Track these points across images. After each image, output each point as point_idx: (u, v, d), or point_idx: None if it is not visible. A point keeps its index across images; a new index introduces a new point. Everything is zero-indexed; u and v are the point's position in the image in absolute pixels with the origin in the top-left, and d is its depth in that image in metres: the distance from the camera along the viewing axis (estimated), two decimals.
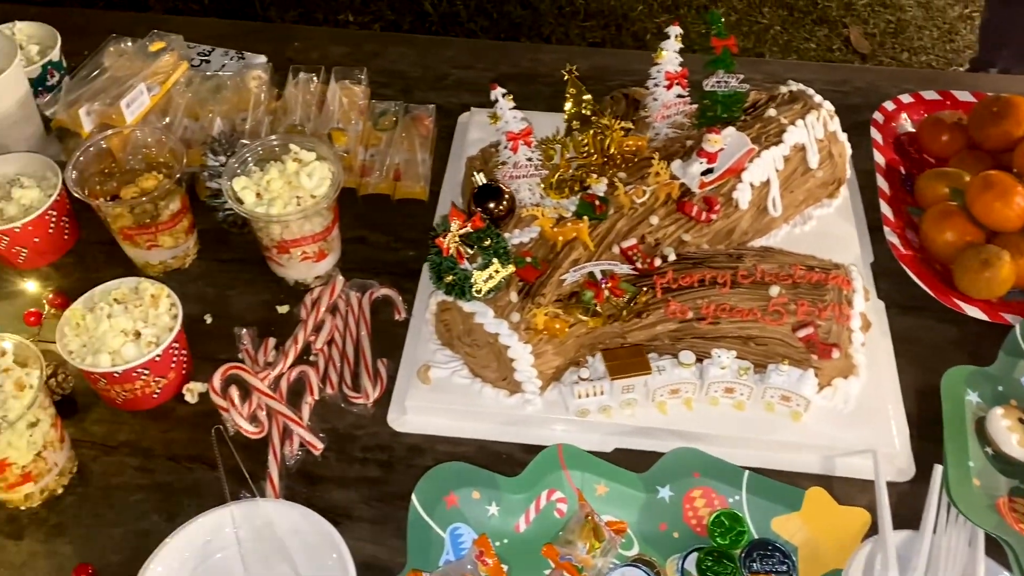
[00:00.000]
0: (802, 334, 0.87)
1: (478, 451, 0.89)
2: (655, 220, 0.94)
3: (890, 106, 1.19)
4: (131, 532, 0.84)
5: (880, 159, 1.12)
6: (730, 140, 0.95)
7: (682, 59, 1.00)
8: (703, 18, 2.80)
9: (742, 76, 1.00)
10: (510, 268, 0.86)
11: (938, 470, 0.84)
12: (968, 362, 0.93)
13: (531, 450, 0.88)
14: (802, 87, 1.07)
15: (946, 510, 0.82)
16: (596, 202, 0.94)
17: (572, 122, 0.97)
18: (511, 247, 0.90)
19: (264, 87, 1.15)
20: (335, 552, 0.78)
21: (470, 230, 0.86)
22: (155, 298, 0.90)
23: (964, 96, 1.19)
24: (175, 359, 0.90)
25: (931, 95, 1.20)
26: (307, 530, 0.80)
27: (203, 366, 0.95)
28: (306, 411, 0.91)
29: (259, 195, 0.95)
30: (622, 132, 0.98)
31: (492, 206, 0.94)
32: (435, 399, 0.91)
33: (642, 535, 0.82)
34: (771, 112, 1.03)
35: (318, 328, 0.97)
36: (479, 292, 0.86)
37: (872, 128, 1.15)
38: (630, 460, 0.87)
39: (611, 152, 0.98)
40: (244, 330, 0.97)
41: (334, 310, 0.99)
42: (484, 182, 0.94)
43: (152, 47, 1.14)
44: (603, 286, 0.88)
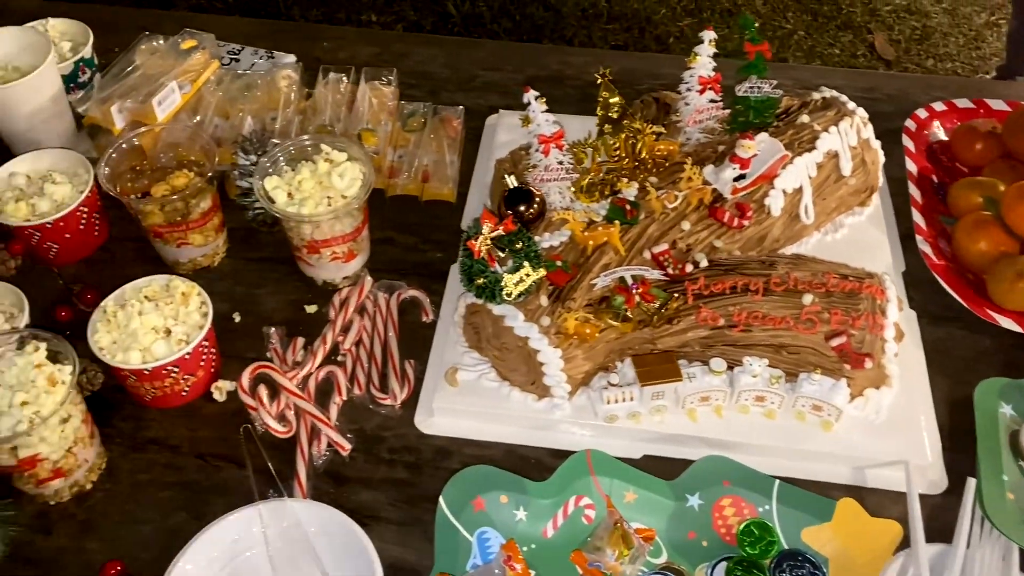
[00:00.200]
0: (835, 343, 0.86)
1: (505, 455, 0.89)
2: (687, 225, 0.93)
3: (922, 114, 1.17)
4: (159, 529, 0.84)
5: (912, 167, 1.11)
6: (763, 146, 0.95)
7: (715, 64, 0.99)
8: (726, 22, 2.80)
9: (775, 81, 0.99)
10: (541, 272, 0.86)
11: (971, 483, 0.83)
12: (1001, 374, 0.92)
13: (558, 455, 0.88)
14: (835, 93, 1.06)
15: (979, 524, 0.81)
16: (627, 206, 0.93)
17: (604, 126, 0.97)
18: (541, 251, 0.90)
19: (294, 87, 1.15)
20: (363, 554, 0.78)
21: (502, 233, 0.85)
22: (186, 296, 0.90)
23: (998, 104, 1.18)
24: (204, 357, 0.90)
25: (964, 103, 1.19)
26: (335, 531, 0.80)
27: (231, 364, 0.95)
28: (334, 411, 0.91)
29: (290, 195, 0.95)
30: (653, 136, 0.97)
31: (523, 209, 0.94)
32: (462, 402, 0.90)
33: (671, 543, 0.82)
34: (804, 118, 1.02)
35: (346, 328, 0.97)
36: (509, 295, 0.86)
37: (904, 136, 1.14)
38: (658, 467, 0.87)
39: (642, 156, 0.97)
40: (273, 329, 0.97)
41: (362, 311, 0.99)
42: (515, 185, 0.94)
43: (184, 45, 1.14)
44: (634, 291, 0.87)
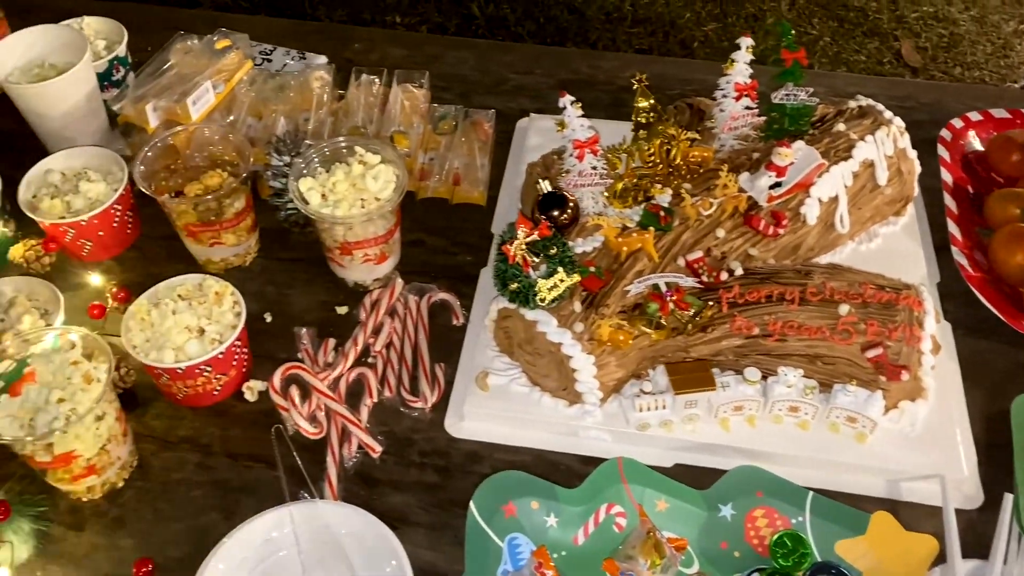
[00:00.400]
0: (871, 355, 0.85)
1: (536, 460, 0.89)
2: (721, 233, 0.93)
3: (958, 123, 1.16)
4: (190, 528, 0.85)
5: (948, 177, 1.10)
6: (800, 154, 0.94)
7: (752, 71, 0.98)
8: (751, 26, 2.79)
9: (812, 89, 0.98)
10: (575, 277, 0.86)
11: (1008, 499, 0.82)
12: None
13: (589, 462, 0.87)
14: (871, 102, 1.05)
15: (1016, 540, 0.80)
16: (661, 213, 0.93)
17: (638, 131, 0.96)
18: (575, 256, 0.89)
19: (327, 88, 1.16)
20: (394, 558, 0.78)
21: (536, 238, 0.85)
22: (219, 295, 0.91)
23: None
24: (237, 357, 0.91)
25: (1000, 113, 1.18)
26: (366, 534, 0.80)
27: (262, 364, 0.95)
28: (364, 413, 0.91)
29: (324, 196, 0.95)
30: (688, 142, 0.97)
31: (556, 214, 0.93)
32: (493, 406, 0.90)
33: (703, 553, 0.81)
34: (840, 127, 1.01)
35: (377, 330, 0.97)
36: (543, 301, 0.85)
37: (939, 145, 1.13)
38: (690, 476, 0.86)
39: (676, 162, 0.97)
40: (304, 330, 0.97)
41: (392, 313, 0.99)
42: (549, 190, 0.94)
43: (218, 45, 1.15)
44: (668, 299, 0.87)
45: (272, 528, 0.80)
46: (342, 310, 1.01)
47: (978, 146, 1.15)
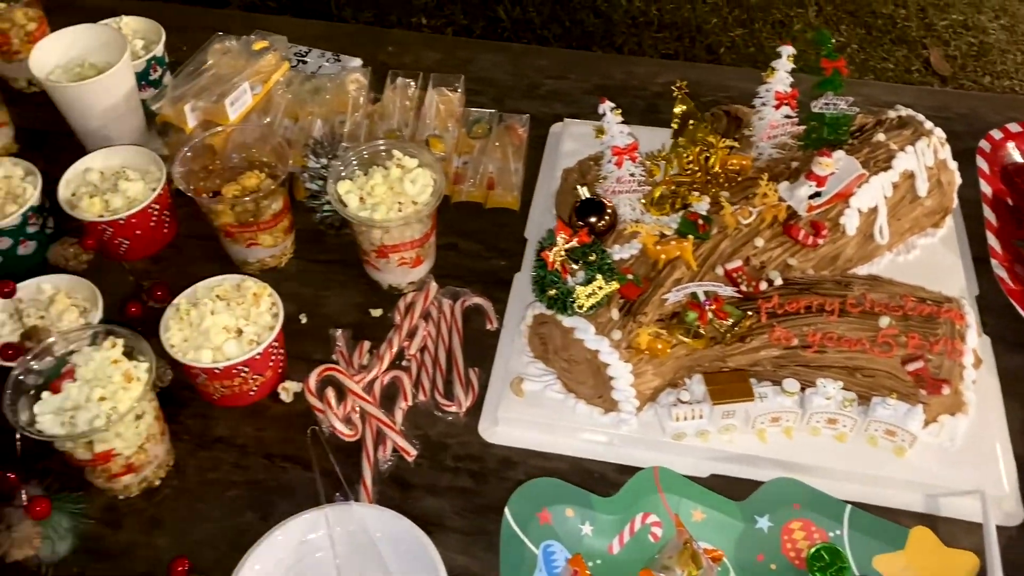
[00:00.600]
0: (912, 368, 0.85)
1: (570, 468, 0.88)
2: (760, 242, 0.92)
3: (997, 134, 1.15)
4: (226, 528, 0.85)
5: (987, 189, 1.09)
6: (841, 164, 0.93)
7: (793, 79, 0.98)
8: (778, 33, 2.78)
9: (851, 99, 0.98)
10: (614, 285, 0.85)
11: None
12: None
13: (624, 470, 0.87)
14: (911, 112, 1.04)
15: None
16: (699, 221, 0.92)
17: (677, 138, 0.96)
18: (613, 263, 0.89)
19: (363, 91, 1.16)
20: (429, 563, 0.77)
21: (576, 245, 0.85)
22: (257, 296, 0.91)
23: None
24: (273, 358, 0.91)
25: None
26: (401, 538, 0.80)
27: (297, 365, 0.95)
28: (399, 416, 0.91)
29: (362, 199, 0.95)
30: (727, 150, 0.96)
31: (594, 220, 0.93)
32: (528, 412, 0.90)
33: (739, 565, 0.81)
34: (879, 137, 1.00)
35: (411, 334, 0.97)
36: (581, 308, 0.85)
37: (978, 157, 1.12)
38: (725, 487, 0.85)
39: (715, 170, 0.96)
40: (339, 331, 0.97)
41: (427, 316, 0.99)
42: (587, 196, 0.93)
43: (255, 46, 1.15)
44: (707, 308, 0.86)
45: (308, 530, 0.81)
46: (376, 313, 1.01)
47: (1018, 158, 1.14)
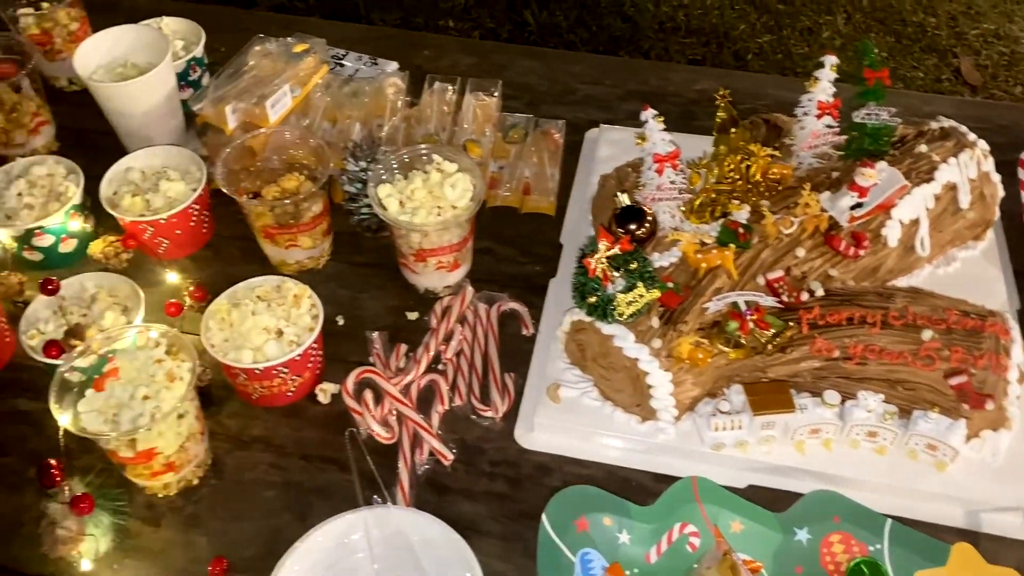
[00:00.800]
0: (955, 382, 0.84)
1: (607, 476, 0.88)
2: (801, 252, 0.92)
3: None
4: (263, 528, 0.85)
5: None
6: (883, 175, 0.93)
7: (836, 89, 0.97)
8: (806, 40, 2.76)
9: (894, 109, 0.97)
10: (655, 293, 0.85)
11: None
12: None
13: (661, 479, 0.87)
14: (954, 123, 1.03)
15: None
16: (739, 229, 0.92)
17: (719, 146, 0.96)
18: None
19: (400, 94, 1.16)
20: (467, 568, 0.77)
21: (618, 252, 0.85)
22: (297, 298, 0.91)
23: None
24: (312, 359, 0.91)
25: None
26: (439, 542, 0.80)
27: (333, 367, 0.96)
28: (435, 420, 0.92)
29: (402, 203, 0.95)
30: (768, 159, 0.96)
31: (634, 228, 0.93)
32: (564, 419, 0.90)
33: None
34: (922, 148, 0.99)
35: (448, 338, 0.97)
36: (621, 315, 0.85)
37: (1020, 169, 1.10)
38: (763, 498, 0.85)
39: (755, 179, 0.96)
40: (375, 334, 0.98)
41: (463, 320, 0.99)
42: (628, 203, 0.93)
43: (295, 48, 1.16)
44: (748, 318, 0.86)
45: (347, 532, 0.81)
46: (412, 316, 1.01)
47: None
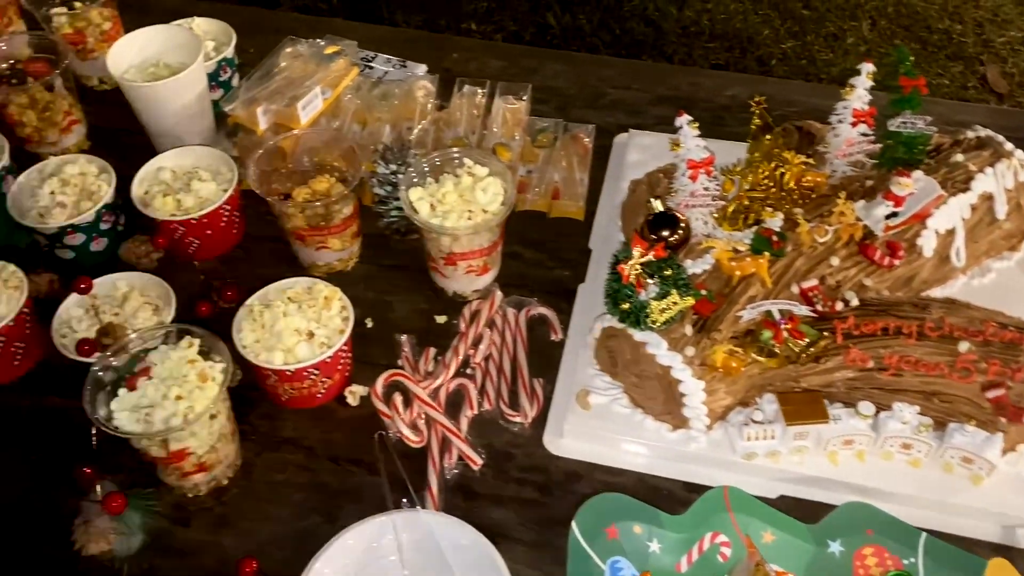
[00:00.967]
0: (992, 395, 0.83)
1: (637, 484, 0.88)
2: (835, 261, 0.91)
3: None
4: (292, 529, 0.85)
5: None
6: (919, 185, 0.92)
7: (871, 97, 0.96)
8: (830, 46, 2.75)
9: (930, 118, 0.96)
10: (689, 300, 0.85)
11: None
12: None
13: (692, 488, 0.86)
14: (990, 133, 1.02)
15: None
16: (773, 237, 0.91)
17: (753, 153, 0.95)
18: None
19: (430, 97, 1.16)
20: (497, 574, 0.77)
21: (652, 259, 0.84)
22: (328, 300, 0.91)
23: None
24: (342, 361, 0.91)
25: None
26: (467, 547, 0.80)
27: (362, 369, 0.96)
28: (464, 424, 0.91)
29: (433, 207, 0.95)
30: (802, 167, 0.95)
31: (666, 234, 0.92)
32: (594, 426, 0.89)
33: None
34: (958, 157, 0.98)
35: (476, 342, 0.97)
36: (654, 323, 0.84)
37: None
38: (795, 509, 0.84)
39: (789, 186, 0.95)
40: (404, 337, 0.97)
41: (491, 325, 0.99)
42: (661, 209, 0.93)
43: (327, 50, 1.16)
44: (782, 327, 0.85)
45: (376, 535, 0.81)
46: (441, 319, 1.01)
47: None
